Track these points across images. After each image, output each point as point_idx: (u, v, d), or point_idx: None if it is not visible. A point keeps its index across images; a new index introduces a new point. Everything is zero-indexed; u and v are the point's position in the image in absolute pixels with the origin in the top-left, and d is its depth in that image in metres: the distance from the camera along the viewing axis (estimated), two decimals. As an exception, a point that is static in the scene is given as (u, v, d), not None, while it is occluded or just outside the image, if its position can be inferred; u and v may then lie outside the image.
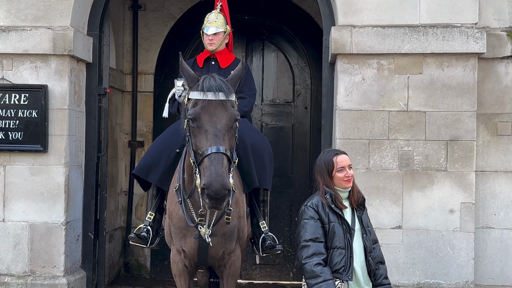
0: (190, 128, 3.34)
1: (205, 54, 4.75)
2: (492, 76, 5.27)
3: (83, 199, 5.67)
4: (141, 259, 7.26)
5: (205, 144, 3.22)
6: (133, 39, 7.21)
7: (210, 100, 3.31)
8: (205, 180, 3.13)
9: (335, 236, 3.48)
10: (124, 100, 7.27)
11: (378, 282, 3.59)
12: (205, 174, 3.15)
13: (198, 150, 3.24)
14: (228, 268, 4.04)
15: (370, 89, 5.16)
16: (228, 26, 4.75)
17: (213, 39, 4.63)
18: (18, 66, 5.39)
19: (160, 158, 4.29)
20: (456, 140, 5.11)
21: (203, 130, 3.27)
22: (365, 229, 3.58)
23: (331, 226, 3.49)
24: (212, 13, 4.72)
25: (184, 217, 3.83)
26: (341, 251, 3.47)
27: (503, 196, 5.25)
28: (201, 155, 3.21)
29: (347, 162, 3.58)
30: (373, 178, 5.13)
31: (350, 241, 3.49)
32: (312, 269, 3.42)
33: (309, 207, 3.53)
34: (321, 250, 3.46)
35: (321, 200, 3.53)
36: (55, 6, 5.38)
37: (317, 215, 3.49)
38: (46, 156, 5.36)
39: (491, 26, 5.27)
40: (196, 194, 3.71)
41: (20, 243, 5.37)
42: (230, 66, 4.68)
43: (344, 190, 3.57)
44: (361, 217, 3.60)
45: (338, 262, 3.46)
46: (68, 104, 5.38)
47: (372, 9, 5.17)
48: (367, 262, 3.54)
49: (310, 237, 3.47)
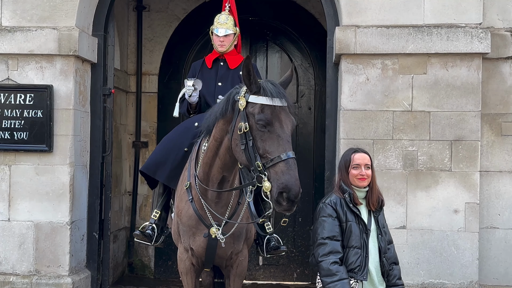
0: (256, 132, 3.32)
1: (214, 55, 4.77)
2: (496, 76, 5.27)
3: (88, 199, 5.69)
4: (145, 259, 7.27)
5: (278, 149, 3.26)
6: (138, 39, 7.24)
7: (279, 106, 3.35)
8: (284, 184, 3.18)
9: (351, 235, 3.48)
10: (129, 101, 7.28)
11: (392, 282, 3.60)
12: (280, 178, 3.19)
13: (267, 154, 3.26)
14: (236, 268, 4.05)
15: (374, 89, 5.17)
16: (237, 27, 4.77)
17: (224, 41, 4.66)
18: (24, 66, 5.42)
19: (168, 156, 4.30)
20: (461, 140, 5.11)
21: (275, 135, 3.30)
22: (381, 230, 3.59)
23: (348, 225, 3.49)
24: (222, 15, 4.74)
25: (195, 215, 3.85)
26: (357, 251, 3.48)
27: (507, 196, 5.25)
28: (272, 159, 3.23)
29: (363, 161, 3.58)
30: (378, 178, 4.99)
31: (366, 241, 3.50)
32: (329, 267, 3.42)
33: (327, 204, 3.53)
34: (338, 248, 3.47)
35: (336, 194, 3.55)
36: (60, 6, 5.40)
37: (335, 213, 3.50)
38: (51, 156, 5.38)
39: (495, 26, 5.27)
40: (209, 193, 3.75)
41: (25, 242, 5.39)
42: (239, 67, 4.69)
43: (359, 189, 3.58)
44: (378, 218, 3.62)
45: (354, 261, 3.46)
46: (73, 104, 5.40)
47: (376, 9, 5.17)
48: (381, 262, 3.55)
49: (328, 235, 3.47)
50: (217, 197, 3.82)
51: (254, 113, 3.33)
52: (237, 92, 3.50)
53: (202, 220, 3.85)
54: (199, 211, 3.84)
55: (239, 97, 3.43)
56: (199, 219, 3.85)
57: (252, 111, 3.34)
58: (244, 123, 3.34)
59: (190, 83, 4.41)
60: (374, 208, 3.59)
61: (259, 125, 3.31)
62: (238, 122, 3.40)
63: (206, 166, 3.75)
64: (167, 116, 6.09)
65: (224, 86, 4.60)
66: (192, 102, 4.51)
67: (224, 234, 3.79)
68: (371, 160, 3.64)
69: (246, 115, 3.35)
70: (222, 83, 4.63)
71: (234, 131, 3.43)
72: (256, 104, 3.35)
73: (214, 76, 4.67)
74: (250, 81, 3.38)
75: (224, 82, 4.63)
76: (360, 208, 3.56)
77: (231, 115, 3.50)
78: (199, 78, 4.56)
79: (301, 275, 7.10)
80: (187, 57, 7.17)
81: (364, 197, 3.60)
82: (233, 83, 4.63)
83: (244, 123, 3.34)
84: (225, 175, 3.76)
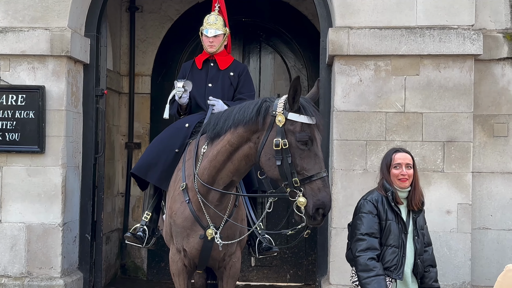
0: (295, 149, 3.41)
1: (204, 56, 4.75)
2: (488, 77, 5.30)
3: (80, 200, 5.66)
4: (138, 261, 7.25)
5: (315, 167, 3.40)
6: (130, 40, 7.22)
7: (313, 125, 3.48)
8: (321, 201, 3.35)
9: (390, 234, 3.54)
10: (121, 102, 7.26)
11: (428, 284, 3.67)
12: (316, 195, 3.35)
13: (304, 171, 3.39)
14: (229, 270, 4.06)
15: (367, 90, 5.18)
16: (227, 28, 4.75)
17: (213, 41, 4.64)
18: (16, 67, 5.39)
19: (159, 158, 4.29)
20: (453, 141, 5.13)
21: (313, 154, 3.43)
22: (418, 232, 3.64)
23: (388, 224, 3.55)
24: (212, 15, 4.73)
25: (191, 216, 3.85)
26: (395, 250, 3.53)
27: (499, 197, 5.27)
28: (310, 177, 3.37)
29: (404, 161, 3.63)
30: (370, 179, 5.12)
31: (404, 241, 3.56)
32: (366, 263, 3.49)
33: (368, 201, 3.60)
34: (375, 245, 3.53)
35: (379, 192, 3.58)
36: (53, 7, 5.38)
37: (375, 210, 3.57)
38: (43, 157, 5.35)
39: (487, 27, 5.30)
40: (211, 196, 3.75)
41: (17, 244, 5.36)
42: (229, 67, 4.69)
43: (401, 189, 3.60)
44: (416, 219, 3.64)
45: (391, 260, 3.53)
46: (66, 105, 5.38)
47: (369, 10, 5.18)
48: (415, 264, 3.58)
49: (366, 231, 3.54)
50: (219, 200, 3.82)
51: (295, 131, 3.42)
52: (268, 106, 3.54)
53: (199, 222, 3.84)
54: (196, 212, 3.84)
55: (277, 113, 3.47)
56: (196, 220, 3.84)
57: (293, 129, 3.43)
58: (283, 139, 3.41)
59: (180, 85, 4.40)
60: (416, 208, 3.62)
61: (300, 143, 3.41)
62: (272, 137, 3.45)
63: (213, 169, 3.75)
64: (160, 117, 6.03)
65: (214, 87, 4.60)
66: (182, 103, 4.50)
67: (222, 237, 3.81)
68: (413, 159, 3.69)
69: (285, 132, 3.42)
70: (213, 84, 4.62)
71: (266, 145, 3.48)
72: (296, 122, 3.44)
73: (204, 77, 4.66)
74: (294, 101, 3.46)
75: (215, 83, 4.62)
76: (400, 207, 3.59)
77: (256, 126, 3.54)
78: (189, 79, 4.55)
79: (294, 276, 7.10)
80: (180, 58, 7.16)
81: (406, 197, 3.64)
82: (224, 84, 4.63)
83: (283, 140, 3.41)
84: (234, 180, 3.80)
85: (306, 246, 6.98)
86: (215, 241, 3.82)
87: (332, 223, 5.19)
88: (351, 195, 5.11)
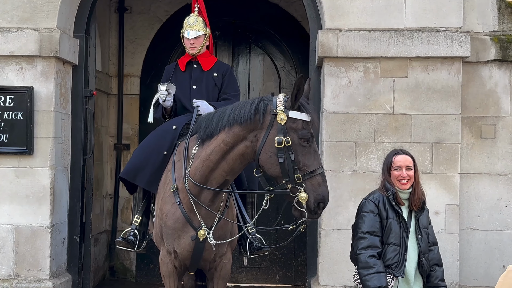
0: (297, 146, 3.50)
1: (186, 58, 4.74)
2: (476, 79, 5.34)
3: (69, 202, 5.63)
4: (127, 263, 7.22)
5: (314, 163, 3.51)
6: (119, 41, 7.19)
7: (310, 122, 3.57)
8: (321, 195, 3.49)
9: (391, 232, 3.62)
10: (110, 103, 7.24)
11: (434, 283, 3.73)
12: (316, 190, 3.48)
13: (305, 167, 3.49)
14: (219, 271, 4.05)
15: (357, 92, 5.20)
16: (207, 28, 4.75)
17: (194, 43, 4.63)
18: (4, 68, 5.35)
19: (147, 161, 4.27)
20: (441, 142, 5.17)
21: (312, 150, 3.54)
22: (421, 231, 3.71)
23: (389, 222, 3.63)
24: (191, 16, 4.72)
25: (182, 217, 3.85)
26: (396, 248, 3.61)
27: (487, 198, 5.32)
28: (310, 172, 3.49)
29: (405, 163, 3.71)
30: (360, 180, 5.17)
31: (405, 240, 3.63)
32: (366, 260, 3.57)
33: (370, 201, 3.69)
34: (376, 243, 3.61)
35: (380, 192, 3.66)
36: (41, 7, 5.35)
37: (377, 209, 3.65)
38: (31, 158, 5.31)
39: (475, 30, 5.34)
40: (203, 196, 3.77)
41: (5, 246, 5.32)
42: (212, 68, 4.69)
43: (401, 191, 3.67)
44: (418, 218, 3.70)
45: (392, 257, 3.60)
46: (54, 106, 5.35)
47: (358, 13, 5.21)
48: (420, 262, 3.63)
49: (368, 229, 3.62)
50: (211, 200, 3.83)
51: (297, 128, 3.51)
52: (267, 104, 3.59)
53: (190, 223, 3.84)
54: (188, 214, 3.83)
55: (278, 111, 3.52)
56: (187, 221, 3.84)
57: (295, 127, 3.51)
58: (285, 137, 3.47)
59: (164, 88, 4.39)
60: (416, 208, 3.68)
61: (302, 141, 3.50)
62: (273, 135, 3.51)
63: (207, 169, 3.75)
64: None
65: (198, 89, 4.60)
66: (166, 106, 4.50)
67: (214, 238, 3.83)
68: (413, 161, 3.75)
69: (287, 129, 3.49)
70: (197, 86, 4.62)
71: (267, 143, 3.54)
72: (298, 120, 3.52)
73: (188, 79, 4.65)
74: (296, 99, 3.53)
75: (199, 85, 4.62)
76: (402, 207, 3.67)
77: (254, 125, 3.59)
78: (173, 81, 4.54)
79: (284, 277, 7.11)
80: (169, 59, 7.14)
81: (407, 198, 3.71)
82: (208, 85, 4.63)
83: (285, 138, 3.46)
84: (228, 179, 3.81)
85: (295, 247, 7.00)
86: (208, 241, 3.83)
87: (322, 224, 5.21)
88: (340, 196, 5.14)
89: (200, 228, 3.84)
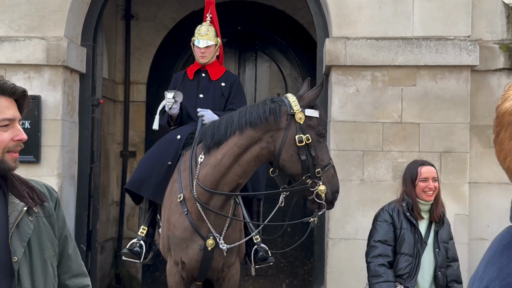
0: (316, 143, 3.67)
1: (195, 66, 4.73)
2: (485, 88, 5.31)
3: (76, 210, 5.62)
4: (133, 271, 7.20)
5: (327, 156, 3.75)
6: (126, 48, 7.20)
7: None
8: (336, 186, 3.73)
9: (404, 242, 3.61)
10: (116, 110, 7.23)
11: None
12: (331, 181, 3.70)
13: (321, 162, 3.68)
14: (227, 281, 4.04)
15: (364, 101, 5.18)
16: (218, 38, 4.74)
17: (205, 52, 4.61)
18: (11, 77, 5.34)
19: (152, 172, 4.26)
20: (450, 151, 5.14)
21: (324, 144, 3.77)
22: (439, 244, 3.69)
23: (402, 232, 3.63)
24: (203, 26, 4.71)
25: (190, 227, 3.85)
26: (408, 258, 3.60)
27: (496, 207, 5.27)
28: (325, 166, 3.69)
29: (431, 174, 3.70)
30: (368, 189, 5.14)
31: (420, 251, 3.61)
32: (376, 269, 3.58)
33: (385, 211, 3.73)
34: (388, 252, 3.62)
35: (396, 206, 3.68)
36: (49, 16, 5.35)
37: (391, 219, 3.67)
38: (39, 167, 5.30)
39: (483, 38, 5.31)
40: (213, 203, 3.77)
41: (12, 255, 5.30)
42: (221, 78, 4.68)
43: (425, 202, 3.65)
44: (438, 232, 3.68)
45: (403, 267, 3.59)
46: (61, 115, 5.34)
47: (366, 21, 5.19)
48: (436, 276, 3.61)
49: (380, 238, 3.64)
50: (220, 207, 3.83)
51: (314, 126, 3.68)
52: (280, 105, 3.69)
53: (198, 232, 3.83)
54: (196, 223, 3.82)
55: (296, 111, 3.63)
56: (195, 231, 3.83)
57: (312, 124, 3.68)
58: (305, 135, 3.60)
59: (171, 95, 4.38)
60: (437, 219, 3.66)
61: (319, 136, 3.69)
62: (293, 134, 3.62)
63: (218, 173, 3.76)
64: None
65: (205, 98, 4.59)
66: (172, 114, 4.49)
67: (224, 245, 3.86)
68: (437, 172, 3.76)
69: (305, 127, 3.63)
70: (204, 95, 4.60)
71: (287, 142, 3.62)
72: (313, 118, 3.70)
73: (195, 88, 4.64)
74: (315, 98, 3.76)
75: (206, 94, 4.61)
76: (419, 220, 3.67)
77: (270, 126, 3.66)
78: (180, 90, 4.52)
79: (290, 285, 7.08)
80: (175, 66, 7.15)
81: (427, 210, 3.71)
82: (215, 94, 4.62)
83: (305, 135, 3.60)
84: (240, 183, 3.82)
85: (301, 255, 6.97)
86: (217, 250, 3.82)
87: (329, 233, 5.18)
88: (348, 206, 5.11)
89: (208, 237, 3.82)
